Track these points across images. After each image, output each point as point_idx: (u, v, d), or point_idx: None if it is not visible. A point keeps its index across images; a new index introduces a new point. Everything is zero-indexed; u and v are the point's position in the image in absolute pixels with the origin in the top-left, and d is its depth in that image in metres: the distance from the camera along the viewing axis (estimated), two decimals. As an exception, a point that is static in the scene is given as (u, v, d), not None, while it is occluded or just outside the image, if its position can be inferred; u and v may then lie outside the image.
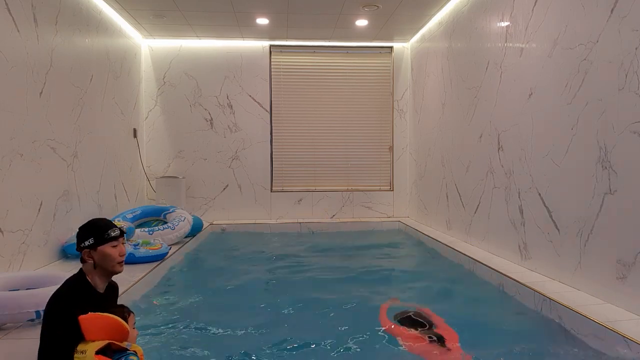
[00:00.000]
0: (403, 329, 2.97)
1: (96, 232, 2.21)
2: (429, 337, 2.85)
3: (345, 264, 5.06)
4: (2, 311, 2.69)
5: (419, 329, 2.94)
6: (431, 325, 3.01)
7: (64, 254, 4.58)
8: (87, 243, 2.18)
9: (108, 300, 2.30)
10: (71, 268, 2.34)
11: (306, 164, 7.86)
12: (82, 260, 2.22)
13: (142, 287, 3.84)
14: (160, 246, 4.67)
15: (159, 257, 4.58)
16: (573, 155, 3.45)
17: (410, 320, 3.08)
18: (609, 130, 3.08)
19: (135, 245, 4.53)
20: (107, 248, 2.21)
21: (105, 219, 2.36)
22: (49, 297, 2.12)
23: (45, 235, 4.32)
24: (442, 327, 3.00)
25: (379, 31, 7.08)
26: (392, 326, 3.04)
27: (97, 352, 1.87)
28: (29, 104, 4.08)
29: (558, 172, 3.63)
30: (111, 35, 6.07)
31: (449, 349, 2.74)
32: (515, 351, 2.70)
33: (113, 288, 2.40)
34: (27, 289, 3.00)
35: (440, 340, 2.82)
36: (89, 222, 2.29)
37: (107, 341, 1.93)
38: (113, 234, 2.24)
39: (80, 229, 2.26)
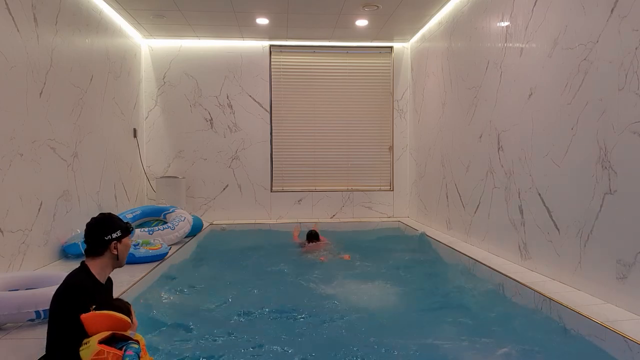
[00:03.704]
0: (305, 242, 5.74)
1: (121, 225, 2.37)
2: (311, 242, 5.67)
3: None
4: (2, 311, 2.70)
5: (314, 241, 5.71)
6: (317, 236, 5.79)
7: (64, 254, 4.58)
8: (114, 235, 2.31)
9: (108, 291, 2.42)
10: (71, 268, 2.35)
11: (306, 164, 7.86)
12: (100, 253, 2.28)
13: (142, 287, 3.84)
14: (160, 246, 4.67)
15: (159, 257, 4.59)
16: (573, 155, 3.45)
17: (310, 235, 5.76)
18: (609, 130, 3.08)
19: (135, 245, 4.52)
20: (128, 240, 2.41)
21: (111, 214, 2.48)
22: (49, 296, 2.15)
23: (45, 235, 4.32)
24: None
25: (379, 31, 7.08)
26: (302, 242, 5.77)
27: (100, 342, 1.96)
28: (29, 104, 4.08)
29: (558, 172, 3.63)
30: (111, 35, 6.07)
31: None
32: (514, 351, 2.70)
33: (109, 280, 2.49)
34: (27, 289, 3.01)
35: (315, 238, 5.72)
36: (107, 217, 2.38)
37: (110, 332, 2.02)
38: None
39: (102, 222, 2.33)
